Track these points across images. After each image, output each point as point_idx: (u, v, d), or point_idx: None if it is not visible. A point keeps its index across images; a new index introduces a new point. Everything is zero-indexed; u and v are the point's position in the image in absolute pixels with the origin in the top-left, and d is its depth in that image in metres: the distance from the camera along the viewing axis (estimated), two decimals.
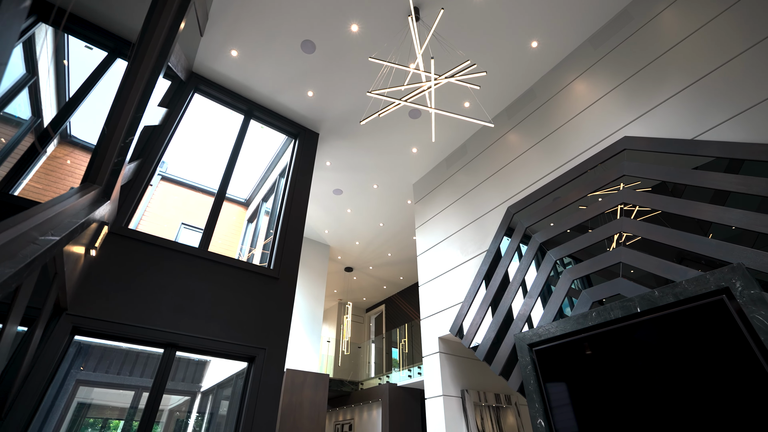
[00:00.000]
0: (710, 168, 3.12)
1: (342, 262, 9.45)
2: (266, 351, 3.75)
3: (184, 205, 7.20)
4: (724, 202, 3.02)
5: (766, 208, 2.77)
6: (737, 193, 2.94)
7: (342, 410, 9.37)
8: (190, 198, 7.25)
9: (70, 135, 4.44)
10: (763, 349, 2.39)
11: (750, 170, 2.94)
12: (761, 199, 2.86)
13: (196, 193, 7.27)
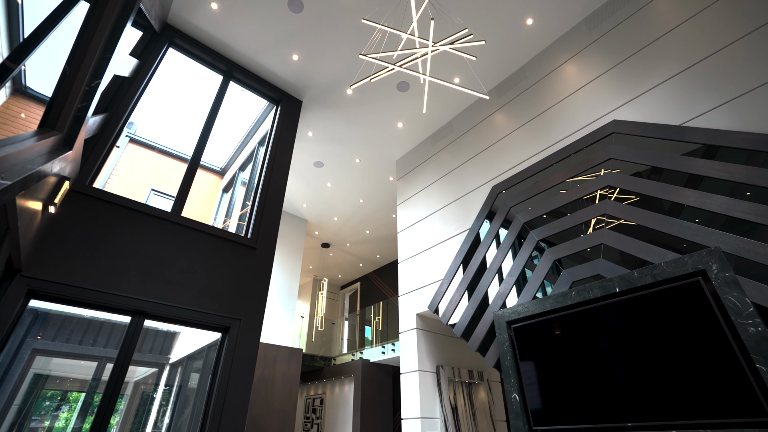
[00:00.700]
0: (691, 154, 3.17)
1: (319, 237, 9.30)
2: (241, 322, 3.62)
3: (154, 171, 6.79)
4: (697, 186, 3.09)
5: (737, 193, 2.86)
6: (709, 178, 3.01)
7: (313, 385, 9.41)
8: (161, 163, 6.84)
9: (25, 86, 4.01)
10: (732, 328, 2.49)
11: (724, 157, 3.02)
12: (732, 185, 2.94)
13: (168, 158, 6.86)
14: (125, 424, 4.19)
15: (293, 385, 6.65)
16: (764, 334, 2.35)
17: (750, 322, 2.41)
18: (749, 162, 2.92)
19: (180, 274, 3.42)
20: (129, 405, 4.36)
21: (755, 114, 2.97)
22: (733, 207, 2.81)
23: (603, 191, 3.66)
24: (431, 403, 4.60)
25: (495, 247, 4.40)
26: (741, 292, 2.50)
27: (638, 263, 3.19)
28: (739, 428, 2.30)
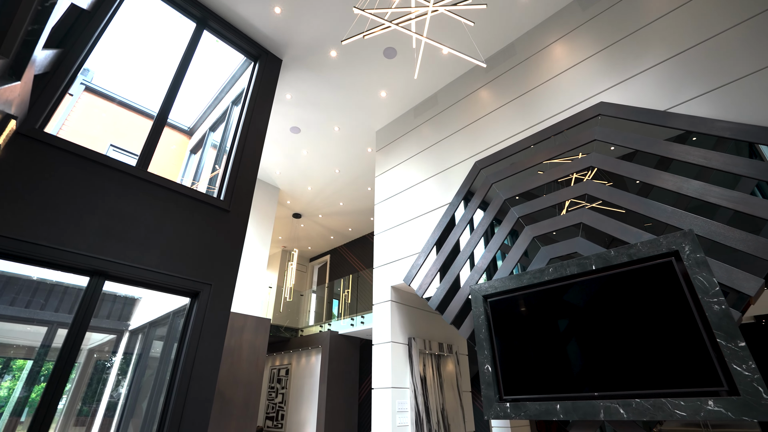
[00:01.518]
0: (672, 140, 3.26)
1: (291, 207, 9.03)
2: (212, 287, 3.44)
3: (114, 125, 6.23)
4: (665, 170, 3.21)
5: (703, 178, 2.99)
6: (678, 161, 3.12)
7: (279, 355, 9.36)
8: (122, 117, 6.28)
9: None
10: (698, 306, 2.63)
11: (695, 144, 3.13)
12: (700, 168, 3.07)
13: (130, 112, 6.30)
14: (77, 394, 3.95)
15: (260, 355, 6.56)
16: (727, 311, 2.49)
17: (715, 300, 2.54)
18: (716, 148, 3.04)
19: (146, 234, 3.17)
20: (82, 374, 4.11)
21: (735, 104, 3.07)
22: (707, 192, 2.92)
23: (579, 174, 3.73)
24: (402, 373, 4.66)
25: (471, 228, 4.42)
26: (709, 272, 2.62)
27: (606, 244, 3.30)
28: (696, 396, 2.46)
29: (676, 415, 2.47)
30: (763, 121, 2.89)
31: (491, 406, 3.35)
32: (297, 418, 8.18)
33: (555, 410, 2.98)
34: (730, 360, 2.40)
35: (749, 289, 2.56)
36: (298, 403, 8.34)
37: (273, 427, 8.57)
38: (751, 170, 2.80)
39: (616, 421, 2.74)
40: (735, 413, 2.31)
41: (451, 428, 5.06)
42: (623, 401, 2.69)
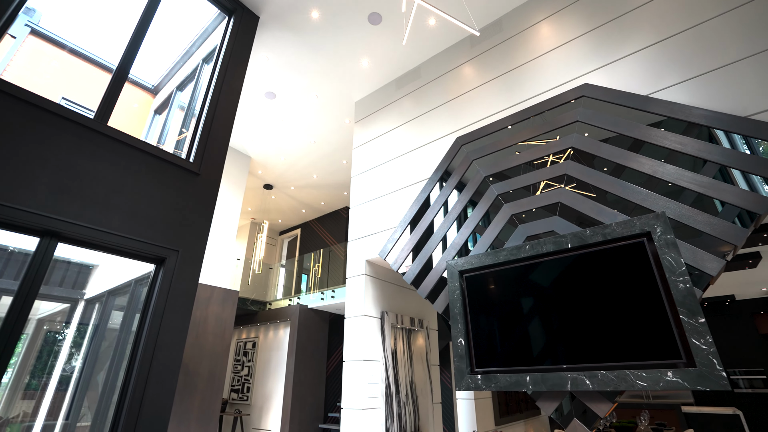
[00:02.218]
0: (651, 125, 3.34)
1: (262, 177, 8.70)
2: (180, 254, 3.24)
3: (66, 76, 5.65)
4: (637, 152, 3.31)
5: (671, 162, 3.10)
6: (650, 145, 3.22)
7: (246, 329, 9.21)
8: (75, 68, 5.69)
9: None
10: (665, 284, 2.75)
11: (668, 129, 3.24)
12: (668, 152, 3.18)
13: (84, 63, 5.72)
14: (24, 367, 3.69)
15: (227, 327, 6.40)
16: (691, 290, 2.62)
17: (681, 279, 2.67)
18: (684, 134, 3.15)
19: (105, 193, 2.91)
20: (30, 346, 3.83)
21: (713, 92, 3.16)
22: (681, 177, 3.03)
23: (555, 157, 3.77)
24: (374, 346, 4.68)
25: (446, 210, 4.41)
26: (678, 253, 2.74)
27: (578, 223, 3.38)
28: (656, 368, 2.61)
29: (638, 386, 2.61)
30: (737, 111, 3.00)
31: (463, 378, 3.43)
32: (263, 391, 8.15)
33: (524, 382, 3.08)
34: (690, 335, 2.54)
35: (712, 269, 2.71)
36: (264, 376, 8.29)
37: (238, 400, 8.50)
38: (723, 157, 2.92)
39: (581, 391, 2.87)
40: (690, 383, 2.46)
41: (419, 400, 5.19)
42: (589, 373, 2.81)
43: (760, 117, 2.90)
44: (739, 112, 2.98)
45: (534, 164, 4.00)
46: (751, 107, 2.96)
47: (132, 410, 2.76)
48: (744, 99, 3.02)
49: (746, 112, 2.96)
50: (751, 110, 2.95)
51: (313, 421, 7.54)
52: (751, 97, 3.00)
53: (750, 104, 2.98)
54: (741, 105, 3.01)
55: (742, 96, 3.04)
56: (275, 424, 7.55)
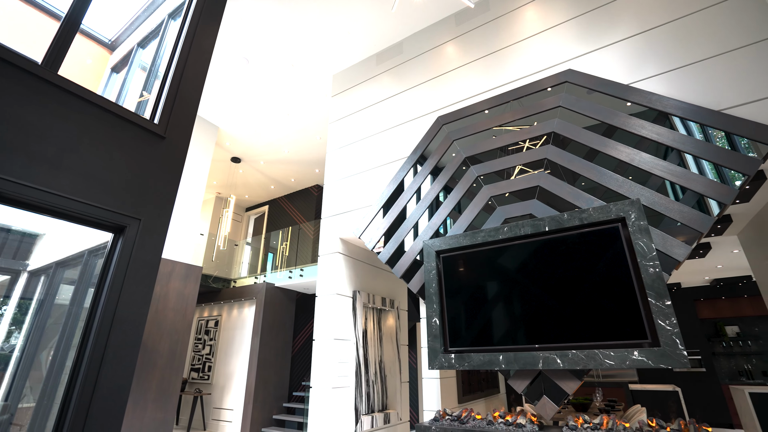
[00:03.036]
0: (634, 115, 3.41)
1: (230, 150, 8.25)
2: (142, 223, 2.97)
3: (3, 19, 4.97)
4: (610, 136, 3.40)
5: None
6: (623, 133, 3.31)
7: (208, 306, 8.88)
8: (15, 11, 5.01)
9: None
10: (636, 268, 2.85)
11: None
12: (639, 138, 3.28)
13: (26, 5, 5.05)
14: None
15: (189, 304, 6.11)
16: (660, 274, 2.73)
17: (651, 264, 2.77)
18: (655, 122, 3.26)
19: (56, 152, 2.59)
20: None
21: (690, 85, 3.25)
22: (655, 165, 3.12)
23: (530, 143, 3.80)
24: (345, 325, 4.63)
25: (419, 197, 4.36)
26: (649, 238, 2.84)
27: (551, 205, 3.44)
28: (623, 348, 2.72)
29: (606, 364, 2.71)
30: (711, 104, 3.10)
31: (436, 357, 3.45)
32: (225, 370, 7.94)
33: (498, 361, 3.13)
34: (657, 316, 2.65)
35: (679, 255, 2.83)
36: (227, 355, 8.07)
37: (199, 379, 8.25)
38: (695, 148, 3.02)
39: (552, 369, 2.95)
40: (654, 362, 2.58)
41: (387, 379, 5.22)
42: (561, 353, 2.89)
43: (731, 111, 3.01)
44: (713, 106, 3.09)
45: (512, 148, 4.01)
46: (724, 102, 3.08)
47: (85, 391, 2.54)
48: (717, 94, 3.13)
49: (719, 106, 3.08)
50: (724, 105, 3.06)
51: (277, 400, 7.46)
52: (724, 93, 3.11)
53: (723, 99, 3.09)
54: (714, 99, 3.12)
55: (716, 91, 3.15)
56: (237, 404, 7.40)
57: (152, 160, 3.13)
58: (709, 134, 3.07)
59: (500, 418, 3.10)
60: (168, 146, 3.25)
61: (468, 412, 3.28)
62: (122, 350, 2.69)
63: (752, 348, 8.53)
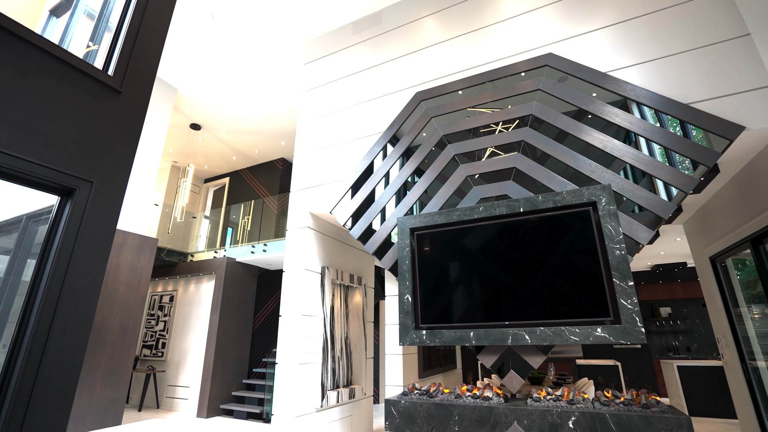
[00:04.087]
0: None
1: (189, 115, 7.67)
2: (94, 186, 2.68)
3: None
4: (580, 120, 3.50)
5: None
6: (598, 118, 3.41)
7: (162, 281, 8.42)
8: None
9: None
10: (604, 250, 2.98)
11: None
12: (605, 123, 3.40)
13: None
14: None
15: (143, 278, 5.73)
16: (625, 256, 2.87)
17: (618, 246, 2.91)
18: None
19: None
20: None
21: (662, 77, 3.37)
22: (626, 153, 3.24)
23: (503, 126, 3.83)
24: (313, 302, 4.54)
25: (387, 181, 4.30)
26: (617, 222, 2.97)
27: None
28: (587, 325, 2.86)
29: (571, 340, 2.84)
30: (680, 97, 3.24)
31: (408, 334, 3.47)
32: (180, 347, 7.63)
33: (468, 337, 3.20)
34: (620, 296, 2.80)
35: (643, 239, 2.98)
36: (182, 331, 7.74)
37: (151, 356, 7.88)
38: (662, 138, 3.16)
39: (520, 345, 3.06)
40: (615, 337, 2.74)
41: (353, 355, 5.23)
42: (529, 329, 3.00)
43: (698, 105, 3.17)
44: (682, 99, 3.23)
45: (483, 131, 4.02)
46: (692, 96, 3.22)
47: (29, 370, 2.30)
48: (686, 88, 3.27)
49: (687, 99, 3.22)
50: (692, 98, 3.21)
51: (236, 377, 7.30)
52: (692, 87, 3.26)
53: (691, 93, 3.24)
54: (683, 93, 3.26)
55: (685, 85, 3.29)
56: (194, 381, 7.16)
57: (107, 117, 2.81)
58: (666, 123, 3.22)
59: (468, 391, 3.20)
60: (125, 102, 2.93)
61: (436, 387, 3.35)
62: (73, 325, 2.46)
63: (680, 327, 9.46)
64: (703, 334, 9.21)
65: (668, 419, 2.43)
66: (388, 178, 4.48)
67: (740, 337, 4.45)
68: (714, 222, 4.46)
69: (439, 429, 2.97)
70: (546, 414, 2.72)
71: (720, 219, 4.30)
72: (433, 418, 3.02)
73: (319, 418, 4.25)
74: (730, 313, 4.55)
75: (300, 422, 3.99)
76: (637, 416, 2.50)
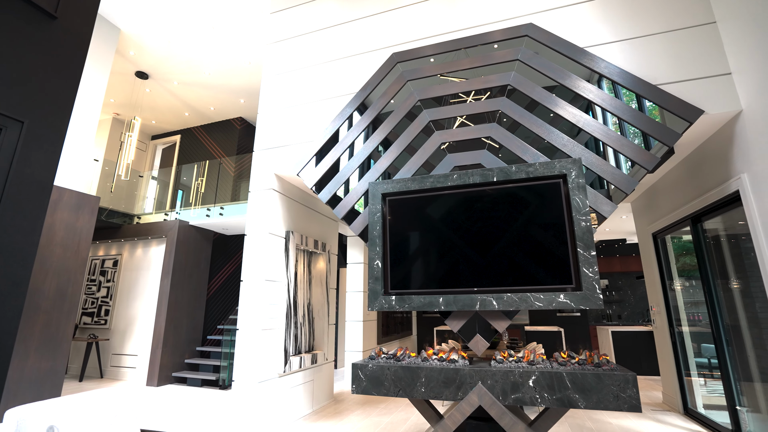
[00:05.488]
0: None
1: (134, 61, 6.87)
2: (25, 126, 2.30)
3: None
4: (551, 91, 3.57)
5: None
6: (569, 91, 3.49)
7: (105, 245, 7.76)
8: None
9: None
10: (571, 222, 3.10)
11: None
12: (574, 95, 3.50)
13: None
14: None
15: (83, 240, 5.22)
16: (589, 227, 3.00)
17: (584, 218, 3.02)
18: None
19: None
20: None
21: (635, 56, 3.46)
22: (596, 129, 3.33)
23: (474, 97, 3.80)
24: (277, 267, 4.39)
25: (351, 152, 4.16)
26: (585, 195, 3.07)
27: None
28: (551, 292, 2.99)
29: (536, 306, 2.97)
30: (649, 78, 3.35)
31: (377, 299, 3.45)
32: (126, 314, 7.18)
33: (437, 302, 3.24)
34: (582, 265, 2.93)
35: (606, 212, 3.13)
36: (128, 298, 7.26)
37: (93, 324, 7.35)
38: (630, 117, 3.27)
39: (488, 311, 3.15)
40: (576, 303, 2.89)
41: (315, 321, 5.19)
42: (497, 295, 3.08)
43: (664, 87, 3.30)
44: (651, 80, 3.34)
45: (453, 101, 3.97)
46: (660, 77, 3.34)
47: None
48: (655, 69, 3.39)
49: (656, 81, 3.34)
50: (660, 80, 3.33)
51: (190, 344, 7.04)
52: (660, 69, 3.38)
53: (659, 74, 3.36)
54: (652, 73, 3.38)
55: (655, 66, 3.40)
56: (143, 349, 6.81)
57: (39, 47, 2.40)
58: (621, 97, 3.34)
59: (434, 355, 3.27)
60: (61, 30, 2.52)
61: (403, 351, 3.40)
62: (5, 287, 2.16)
63: (615, 297, 10.40)
64: (633, 303, 10.20)
65: (617, 376, 2.63)
66: (366, 135, 4.32)
67: (671, 306, 4.93)
68: (660, 201, 4.81)
69: (406, 391, 3.03)
70: (509, 374, 2.85)
71: (665, 198, 4.64)
72: (401, 380, 3.08)
73: (281, 384, 4.21)
74: (665, 284, 5.00)
75: (262, 388, 3.93)
76: (590, 374, 2.69)
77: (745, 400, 3.63)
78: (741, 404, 3.63)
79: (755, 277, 3.46)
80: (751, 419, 3.56)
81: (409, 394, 3.01)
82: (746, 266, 3.64)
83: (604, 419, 4.43)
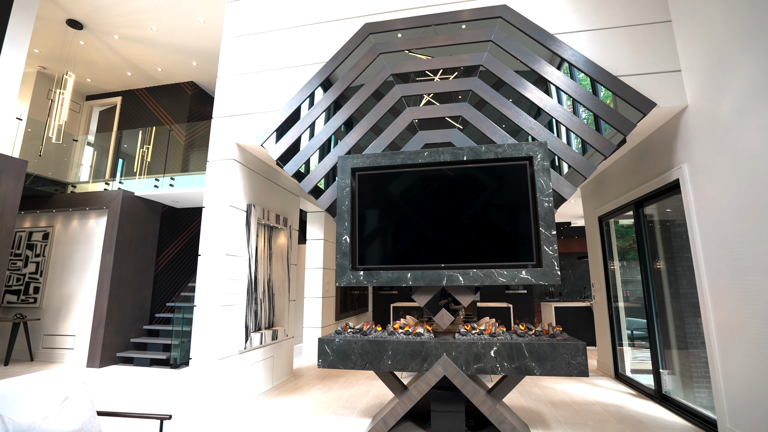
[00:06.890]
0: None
1: (65, 7, 6.03)
2: None
3: None
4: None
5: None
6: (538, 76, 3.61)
7: (33, 215, 6.97)
8: None
9: None
10: (534, 202, 3.24)
11: None
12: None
13: None
14: None
15: (8, 209, 4.64)
16: (551, 208, 3.16)
17: (547, 199, 3.18)
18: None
19: None
20: None
21: (600, 47, 3.62)
22: (561, 114, 3.47)
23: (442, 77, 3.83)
24: (238, 241, 4.20)
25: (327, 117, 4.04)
26: (549, 177, 3.22)
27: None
28: (514, 268, 3.15)
29: (499, 281, 3.11)
30: (610, 68, 3.53)
31: (344, 274, 3.43)
32: (61, 292, 6.57)
33: (405, 278, 3.29)
34: (544, 243, 3.11)
35: (567, 194, 3.31)
36: (62, 274, 6.63)
37: (19, 303, 6.66)
38: (590, 103, 3.45)
39: (454, 286, 3.25)
40: (536, 279, 3.07)
41: (275, 298, 5.08)
42: (463, 271, 3.19)
43: (623, 79, 3.49)
44: (612, 71, 3.53)
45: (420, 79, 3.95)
46: (620, 68, 3.53)
47: None
48: (616, 60, 3.57)
49: (616, 72, 3.52)
50: (620, 72, 3.52)
51: (136, 323, 6.61)
52: (620, 61, 3.57)
53: (619, 66, 3.55)
54: (613, 65, 3.56)
55: (616, 57, 3.58)
56: (81, 329, 6.29)
57: None
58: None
59: (400, 329, 3.34)
60: None
61: (370, 325, 3.44)
62: None
63: None
64: (573, 281, 11.07)
65: (569, 345, 2.85)
66: (328, 114, 4.18)
67: (610, 283, 5.40)
68: (607, 187, 5.18)
69: (373, 364, 3.09)
70: (472, 346, 2.99)
71: (612, 185, 5.00)
72: (368, 353, 3.12)
73: (241, 360, 4.11)
74: (606, 264, 5.46)
75: (222, 364, 3.81)
76: (546, 344, 2.89)
77: (665, 364, 4.12)
78: (664, 368, 4.12)
79: (682, 258, 3.87)
80: (670, 380, 4.06)
81: (375, 367, 3.07)
82: (674, 248, 4.06)
83: (549, 385, 4.83)
